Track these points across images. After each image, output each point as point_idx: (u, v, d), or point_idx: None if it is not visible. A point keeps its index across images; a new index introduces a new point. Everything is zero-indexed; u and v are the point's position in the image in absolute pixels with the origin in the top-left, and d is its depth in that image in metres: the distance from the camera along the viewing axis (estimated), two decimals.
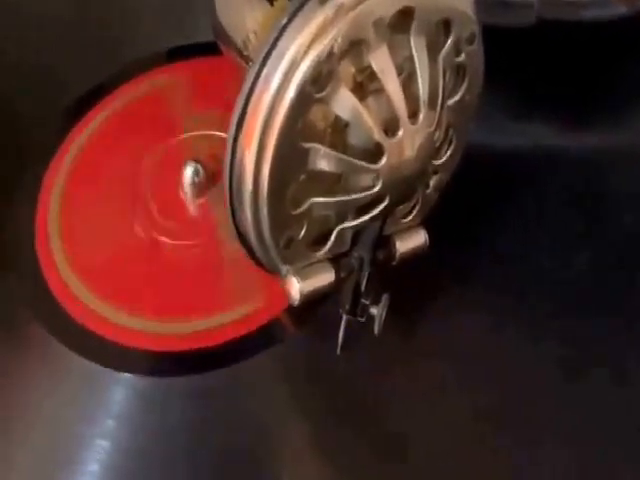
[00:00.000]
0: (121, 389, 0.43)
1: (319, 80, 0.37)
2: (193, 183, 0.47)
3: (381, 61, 0.38)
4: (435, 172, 0.42)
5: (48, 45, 0.57)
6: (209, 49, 0.50)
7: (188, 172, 0.47)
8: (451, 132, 0.42)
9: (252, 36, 0.44)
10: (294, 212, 0.40)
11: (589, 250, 0.47)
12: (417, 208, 0.43)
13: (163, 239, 0.47)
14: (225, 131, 0.39)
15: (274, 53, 0.37)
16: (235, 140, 0.38)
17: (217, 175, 0.46)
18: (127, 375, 0.44)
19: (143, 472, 0.42)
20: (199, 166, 0.47)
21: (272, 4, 0.43)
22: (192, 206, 0.48)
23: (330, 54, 0.37)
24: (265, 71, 0.37)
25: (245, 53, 0.44)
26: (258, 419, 0.43)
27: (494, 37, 0.41)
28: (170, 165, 0.49)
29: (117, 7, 0.59)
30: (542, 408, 0.43)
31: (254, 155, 0.38)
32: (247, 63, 0.44)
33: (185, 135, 0.50)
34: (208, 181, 0.47)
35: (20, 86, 0.55)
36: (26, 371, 0.45)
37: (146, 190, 0.48)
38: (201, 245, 0.47)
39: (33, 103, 0.54)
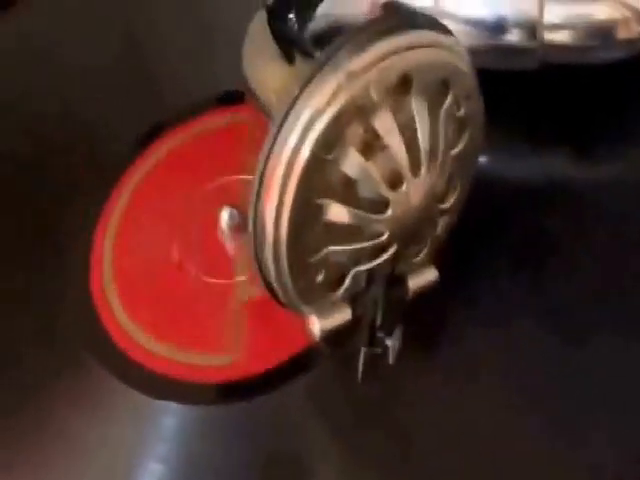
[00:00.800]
0: (171, 419, 0.48)
1: (329, 143, 0.41)
2: (229, 226, 0.52)
3: (384, 123, 0.41)
4: (442, 214, 0.46)
5: (93, 95, 0.62)
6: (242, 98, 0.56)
7: (224, 216, 0.52)
8: (455, 179, 0.46)
9: (272, 96, 0.48)
10: (311, 260, 0.43)
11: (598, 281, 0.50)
12: (426, 249, 0.47)
13: (206, 278, 0.52)
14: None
15: (289, 119, 0.41)
16: (258, 196, 0.42)
17: None
18: (174, 405, 0.48)
19: None
20: (234, 210, 0.52)
21: (290, 63, 0.48)
22: (230, 247, 0.52)
23: (339, 118, 0.40)
24: (282, 134, 0.41)
25: (267, 111, 0.48)
26: (300, 444, 0.48)
27: (497, 77, 0.45)
28: (212, 207, 0.54)
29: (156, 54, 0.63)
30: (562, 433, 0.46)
31: (274, 210, 0.41)
32: (270, 120, 0.48)
33: (225, 179, 0.55)
34: (243, 224, 0.50)
35: (69, 136, 0.60)
36: (89, 408, 0.49)
37: (191, 232, 0.54)
38: (238, 284, 0.52)
39: (84, 151, 0.59)
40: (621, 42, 0.51)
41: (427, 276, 0.47)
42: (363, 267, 0.45)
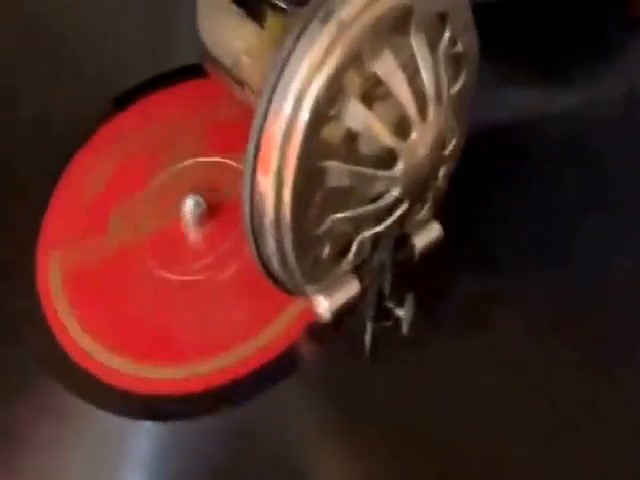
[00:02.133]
0: (145, 438, 0.43)
1: (330, 98, 0.36)
2: (194, 216, 0.46)
3: (386, 66, 0.37)
4: (443, 163, 0.42)
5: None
6: (194, 72, 0.49)
7: (189, 204, 0.45)
8: (454, 122, 0.41)
9: (244, 58, 0.42)
10: (316, 232, 0.39)
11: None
12: (429, 203, 0.42)
13: (170, 276, 0.46)
14: (221, 156, 0.38)
15: (283, 78, 0.36)
16: (253, 170, 0.37)
17: (218, 206, 0.46)
18: (149, 423, 0.43)
19: None
20: (200, 198, 0.45)
21: (262, 26, 0.42)
22: (195, 239, 0.46)
23: (338, 71, 0.35)
24: (276, 98, 0.36)
25: (238, 76, 0.42)
26: (294, 445, 0.42)
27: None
28: (169, 196, 0.47)
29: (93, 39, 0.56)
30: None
31: (273, 184, 0.36)
32: (241, 85, 0.42)
33: (181, 164, 0.49)
34: (210, 212, 0.46)
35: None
36: (46, 429, 0.43)
37: (150, 223, 0.47)
38: (208, 279, 0.45)
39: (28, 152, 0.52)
40: None
41: (432, 233, 0.43)
42: (370, 232, 0.40)
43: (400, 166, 0.38)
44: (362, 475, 0.42)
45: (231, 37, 0.43)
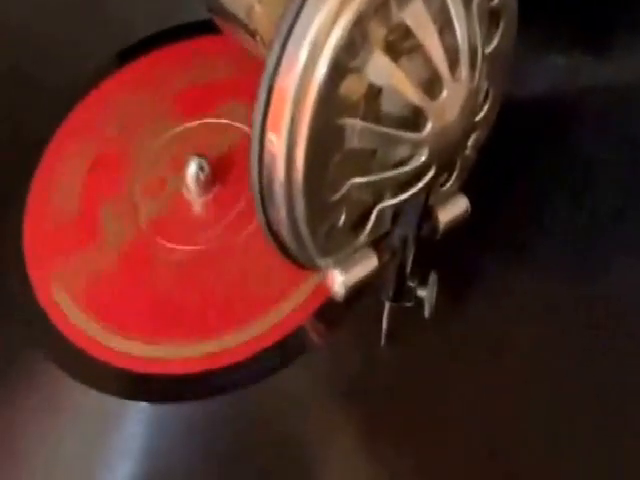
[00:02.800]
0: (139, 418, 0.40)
1: (352, 47, 0.32)
2: (198, 180, 0.42)
3: (416, 15, 0.33)
4: (473, 130, 0.38)
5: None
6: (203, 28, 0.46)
7: (192, 169, 0.42)
8: (487, 84, 0.37)
9: (257, 7, 0.38)
10: (332, 198, 0.35)
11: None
12: (456, 173, 0.39)
13: (171, 245, 0.42)
14: (226, 117, 0.34)
15: (298, 24, 0.32)
16: (263, 127, 0.33)
17: (224, 169, 0.42)
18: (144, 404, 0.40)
19: None
20: (204, 161, 0.42)
21: None
22: (197, 206, 0.43)
23: (361, 17, 0.32)
24: (289, 46, 0.32)
25: (251, 27, 0.39)
26: (296, 432, 0.40)
27: None
28: (170, 160, 0.44)
29: None
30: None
31: (285, 141, 0.33)
32: (254, 38, 0.39)
33: (185, 125, 0.45)
34: (214, 177, 0.42)
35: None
36: (39, 407, 0.41)
37: (143, 190, 0.44)
38: (210, 250, 0.42)
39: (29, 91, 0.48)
40: None
41: (458, 206, 0.39)
42: (392, 201, 0.36)
43: (428, 127, 0.34)
44: (368, 462, 0.39)
45: None
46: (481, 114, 0.38)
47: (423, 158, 0.35)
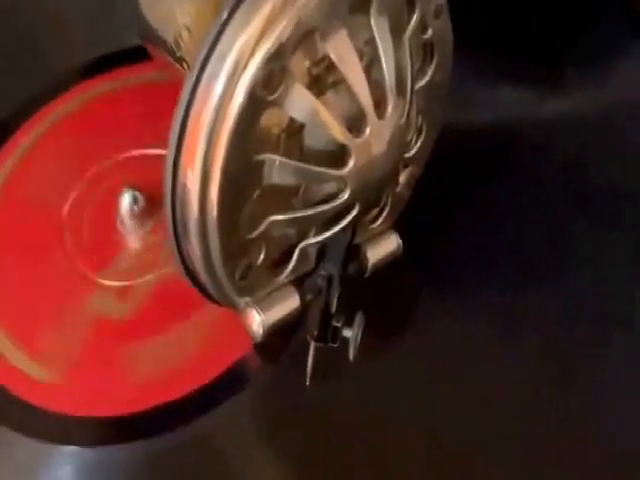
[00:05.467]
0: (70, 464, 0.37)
1: (271, 80, 0.30)
2: (131, 213, 0.40)
3: (340, 48, 0.32)
4: (405, 166, 0.37)
5: None
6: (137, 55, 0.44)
7: (125, 200, 0.40)
8: (420, 119, 0.36)
9: (185, 33, 0.37)
10: (250, 236, 0.33)
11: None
12: (387, 210, 0.37)
13: (101, 280, 0.40)
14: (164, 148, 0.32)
15: (215, 53, 0.30)
16: (176, 161, 0.31)
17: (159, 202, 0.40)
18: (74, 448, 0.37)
19: None
20: (137, 193, 0.40)
21: None
22: (132, 239, 0.41)
23: (281, 48, 0.30)
24: (206, 76, 0.30)
25: (178, 54, 0.37)
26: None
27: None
28: (104, 193, 0.42)
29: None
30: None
31: (199, 176, 0.31)
32: (182, 66, 0.37)
33: (119, 156, 0.43)
34: (149, 209, 0.40)
35: None
36: None
37: (82, 222, 0.42)
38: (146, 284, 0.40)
39: None
40: None
41: (388, 244, 0.37)
42: (314, 239, 0.35)
43: (350, 164, 0.33)
44: None
45: (172, 11, 0.38)
46: (413, 150, 0.36)
47: (346, 195, 0.34)
